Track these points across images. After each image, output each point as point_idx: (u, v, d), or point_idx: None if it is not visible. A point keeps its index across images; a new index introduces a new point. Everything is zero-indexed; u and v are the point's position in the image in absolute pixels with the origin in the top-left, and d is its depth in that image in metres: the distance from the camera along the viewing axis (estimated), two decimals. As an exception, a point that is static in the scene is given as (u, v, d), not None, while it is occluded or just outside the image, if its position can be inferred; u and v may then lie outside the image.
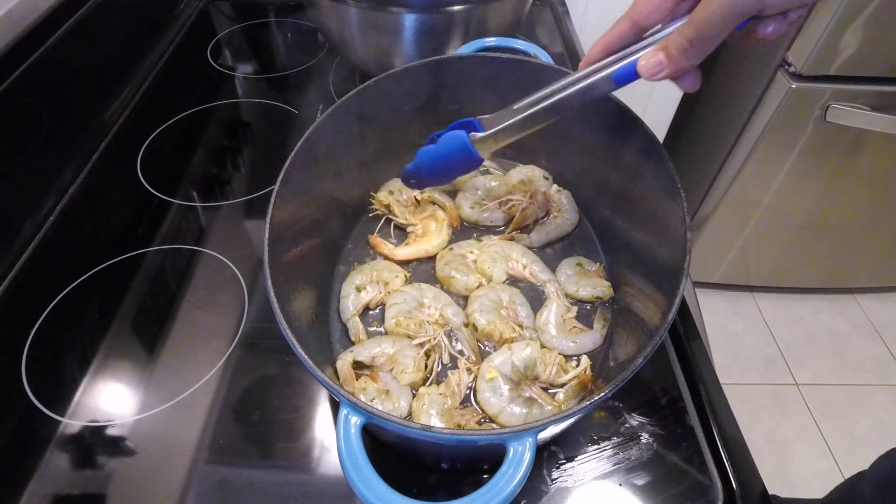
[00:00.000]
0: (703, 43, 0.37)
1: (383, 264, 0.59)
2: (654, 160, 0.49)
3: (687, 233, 0.43)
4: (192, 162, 0.76)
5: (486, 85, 0.61)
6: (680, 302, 0.40)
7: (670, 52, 0.39)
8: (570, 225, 0.63)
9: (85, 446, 0.48)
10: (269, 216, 0.44)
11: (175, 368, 0.54)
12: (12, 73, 0.65)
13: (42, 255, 0.63)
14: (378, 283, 0.56)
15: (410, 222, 0.63)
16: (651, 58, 0.40)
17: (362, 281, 0.56)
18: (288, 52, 1.00)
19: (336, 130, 0.55)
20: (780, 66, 1.18)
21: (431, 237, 0.61)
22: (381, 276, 0.57)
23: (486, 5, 0.73)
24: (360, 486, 0.33)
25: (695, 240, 1.55)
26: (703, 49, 0.37)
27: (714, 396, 0.51)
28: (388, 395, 0.48)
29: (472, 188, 0.65)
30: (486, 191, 0.65)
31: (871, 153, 1.27)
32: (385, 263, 0.59)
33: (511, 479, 0.33)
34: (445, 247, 0.61)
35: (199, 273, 0.62)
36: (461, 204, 0.64)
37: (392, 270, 0.58)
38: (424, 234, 0.62)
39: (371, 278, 0.57)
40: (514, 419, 0.47)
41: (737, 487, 0.45)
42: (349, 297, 0.55)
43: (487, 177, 0.66)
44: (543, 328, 0.53)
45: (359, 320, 0.54)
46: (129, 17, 0.88)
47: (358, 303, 0.55)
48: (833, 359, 1.65)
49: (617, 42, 0.43)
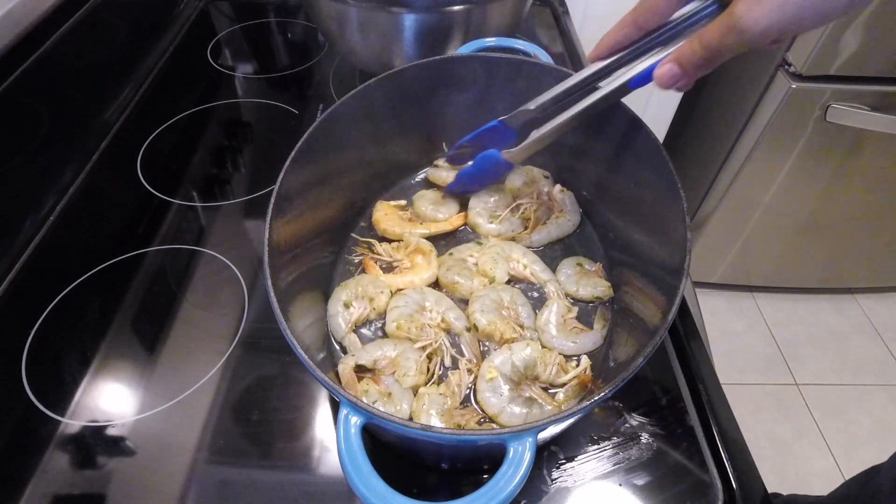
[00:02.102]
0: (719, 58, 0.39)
1: (368, 279, 0.56)
2: (654, 160, 0.49)
3: (687, 233, 0.43)
4: (192, 162, 0.76)
5: (486, 85, 0.61)
6: (680, 302, 0.40)
7: (686, 66, 0.40)
8: (571, 225, 0.63)
9: (85, 446, 0.48)
10: (269, 216, 0.44)
11: (175, 368, 0.54)
12: (12, 73, 0.65)
13: (42, 255, 0.63)
14: (363, 299, 0.55)
15: (395, 258, 0.60)
16: (668, 70, 0.41)
17: (348, 297, 0.55)
18: (288, 52, 1.00)
19: (336, 130, 0.55)
20: (780, 66, 1.18)
21: (420, 271, 0.58)
22: (367, 292, 0.55)
23: (486, 5, 0.73)
24: (360, 486, 0.33)
25: (695, 240, 1.55)
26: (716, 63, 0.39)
27: (714, 396, 0.51)
28: (391, 398, 0.48)
29: (481, 201, 0.64)
30: (495, 201, 0.64)
31: (871, 153, 1.27)
32: (370, 278, 0.57)
33: (511, 479, 0.33)
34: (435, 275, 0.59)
35: (199, 273, 0.62)
36: (478, 222, 0.63)
37: (377, 286, 0.56)
38: (412, 266, 0.59)
39: (356, 294, 0.55)
40: (514, 419, 0.47)
41: (737, 487, 0.45)
42: (338, 314, 0.53)
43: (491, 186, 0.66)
44: (544, 328, 0.53)
45: (355, 336, 0.53)
46: (129, 17, 0.88)
47: (349, 319, 0.53)
48: (833, 359, 1.65)
49: (622, 41, 0.45)
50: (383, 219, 0.62)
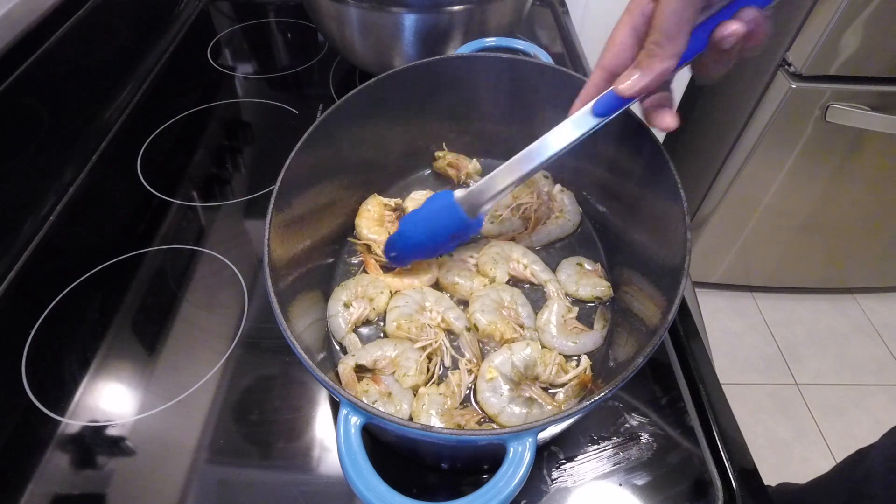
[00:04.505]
0: (669, 37, 0.36)
1: (368, 279, 0.56)
2: (655, 160, 0.49)
3: (687, 233, 0.43)
4: (192, 162, 0.76)
5: (486, 85, 0.61)
6: (680, 302, 0.40)
7: (642, 62, 0.39)
8: (571, 225, 0.63)
9: (85, 446, 0.48)
10: (269, 216, 0.44)
11: (175, 368, 0.54)
12: (12, 73, 0.65)
13: (42, 255, 0.63)
14: (363, 300, 0.55)
15: None
16: (626, 76, 0.40)
17: (348, 297, 0.55)
18: (288, 52, 1.00)
19: (336, 130, 0.55)
20: (780, 66, 1.18)
21: (420, 273, 0.58)
22: (367, 292, 0.55)
23: (486, 5, 0.73)
24: (360, 486, 0.33)
25: (695, 240, 1.55)
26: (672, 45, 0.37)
27: (714, 396, 0.51)
28: (391, 398, 0.48)
29: None
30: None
31: (871, 153, 1.27)
32: (369, 278, 0.57)
33: (511, 479, 0.33)
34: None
35: (199, 273, 0.62)
36: None
37: (377, 286, 0.56)
38: (412, 268, 0.58)
39: (356, 294, 0.55)
40: (514, 419, 0.47)
41: (737, 487, 0.46)
42: (338, 315, 0.53)
43: None
44: (544, 328, 0.53)
45: (355, 336, 0.53)
46: (129, 17, 0.88)
47: (349, 319, 0.53)
48: (833, 359, 1.65)
49: (593, 93, 0.44)
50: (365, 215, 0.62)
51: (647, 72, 0.38)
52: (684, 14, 0.35)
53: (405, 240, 0.52)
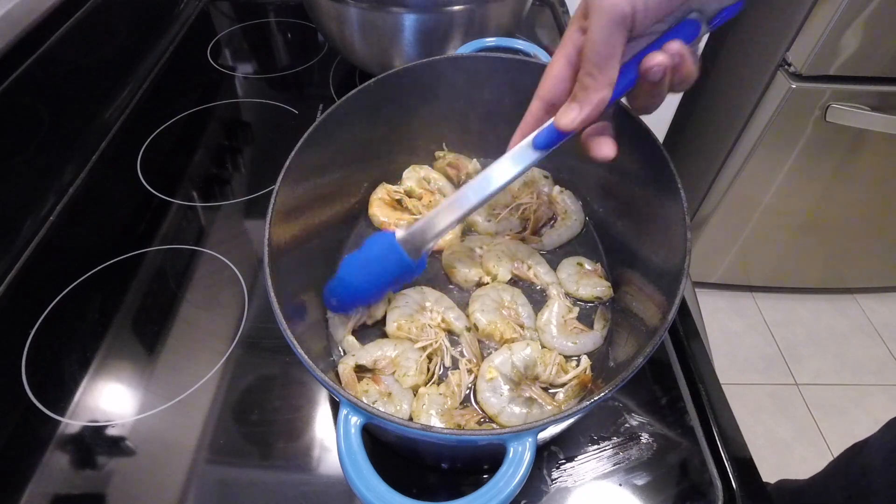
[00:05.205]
0: (600, 67, 0.37)
1: None
2: (655, 160, 0.49)
3: (687, 233, 0.43)
4: (192, 162, 0.76)
5: (486, 85, 0.61)
6: (680, 302, 0.40)
7: (577, 94, 0.39)
8: (578, 225, 0.63)
9: (85, 446, 0.48)
10: (269, 216, 0.44)
11: (175, 368, 0.54)
12: (12, 73, 0.65)
13: (42, 255, 0.63)
14: None
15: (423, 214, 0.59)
16: (565, 110, 0.40)
17: None
18: (288, 52, 1.00)
19: (336, 130, 0.55)
20: (780, 66, 1.18)
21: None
22: None
23: (486, 5, 0.73)
24: (360, 486, 0.33)
25: (695, 240, 1.55)
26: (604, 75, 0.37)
27: (714, 396, 0.51)
28: (391, 398, 0.48)
29: None
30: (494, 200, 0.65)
31: (871, 153, 1.27)
32: None
33: (511, 479, 0.33)
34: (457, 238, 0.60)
35: (199, 273, 0.62)
36: (476, 220, 0.63)
37: None
38: None
39: None
40: (514, 419, 0.47)
41: (737, 487, 0.46)
42: (336, 315, 0.53)
43: None
44: (544, 328, 0.53)
45: (354, 339, 0.53)
46: (129, 17, 0.88)
47: (347, 322, 0.53)
48: (833, 359, 1.65)
49: (533, 124, 0.44)
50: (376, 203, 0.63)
51: (585, 104, 0.39)
52: (612, 41, 0.36)
53: (345, 286, 0.49)
